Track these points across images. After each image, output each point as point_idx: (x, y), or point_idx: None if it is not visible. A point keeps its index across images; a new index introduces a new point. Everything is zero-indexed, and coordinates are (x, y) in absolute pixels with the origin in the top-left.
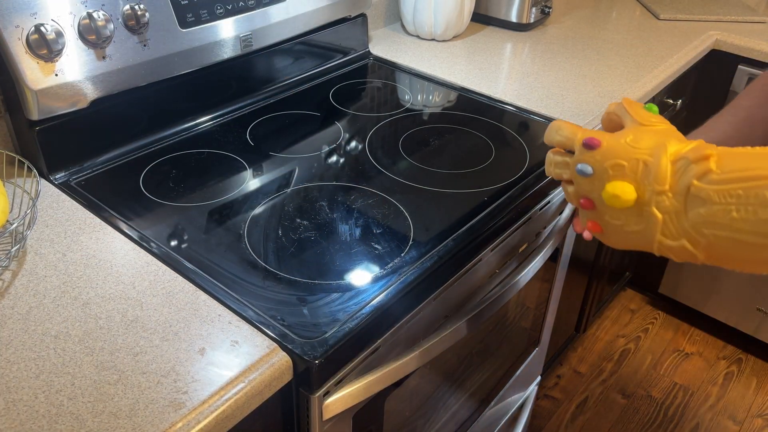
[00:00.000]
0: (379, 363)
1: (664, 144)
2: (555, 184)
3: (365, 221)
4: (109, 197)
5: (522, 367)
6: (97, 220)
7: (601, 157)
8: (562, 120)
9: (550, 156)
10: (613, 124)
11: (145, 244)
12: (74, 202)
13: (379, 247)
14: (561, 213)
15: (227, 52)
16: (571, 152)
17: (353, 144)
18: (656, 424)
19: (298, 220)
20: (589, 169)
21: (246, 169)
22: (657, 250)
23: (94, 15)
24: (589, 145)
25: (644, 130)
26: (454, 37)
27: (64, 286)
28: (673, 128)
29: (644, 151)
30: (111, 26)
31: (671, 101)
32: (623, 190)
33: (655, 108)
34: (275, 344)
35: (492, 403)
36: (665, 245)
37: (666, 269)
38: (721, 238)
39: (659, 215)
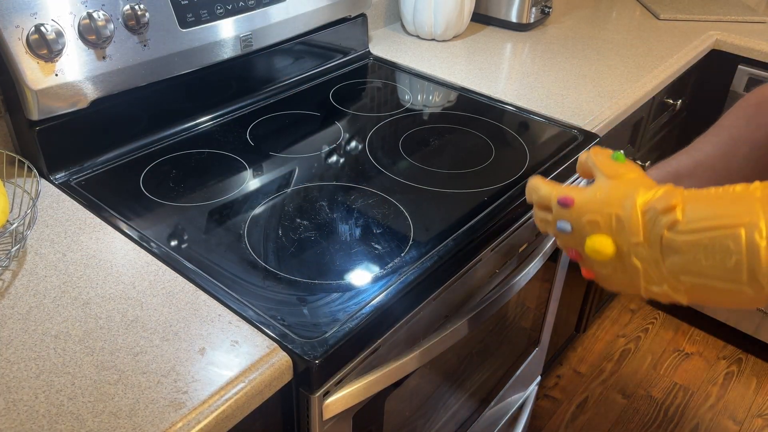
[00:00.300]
0: (379, 363)
1: (632, 196)
2: None
3: (365, 221)
4: (109, 197)
5: (522, 367)
6: (97, 220)
7: (576, 214)
8: (539, 178)
9: (535, 212)
10: (588, 172)
11: (145, 244)
12: (74, 202)
13: (379, 247)
14: None
15: (227, 52)
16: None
17: (353, 144)
18: (656, 424)
19: (298, 220)
20: (567, 226)
21: (246, 169)
22: (645, 294)
23: (94, 15)
24: (564, 203)
25: (613, 183)
26: (454, 37)
27: (64, 286)
28: (642, 174)
29: (615, 205)
30: (111, 26)
31: (671, 101)
32: (602, 245)
33: (622, 156)
34: (275, 344)
35: (492, 403)
36: (651, 291)
37: None
38: (697, 284)
39: (639, 265)
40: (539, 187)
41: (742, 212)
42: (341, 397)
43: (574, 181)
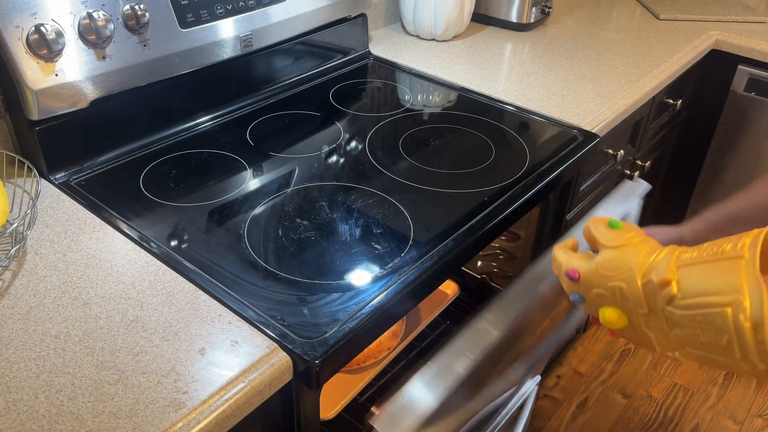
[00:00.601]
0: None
1: (632, 268)
2: (554, 185)
3: (365, 221)
4: (109, 197)
5: None
6: (97, 220)
7: (583, 288)
8: (558, 248)
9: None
10: (593, 242)
11: (145, 244)
12: (74, 202)
13: (379, 247)
14: None
15: (227, 52)
16: None
17: (353, 144)
18: (656, 424)
19: (298, 220)
20: (579, 298)
21: (246, 169)
22: (663, 356)
23: (94, 15)
24: (571, 278)
25: (614, 254)
26: (454, 37)
27: (64, 286)
28: (640, 238)
29: (617, 278)
30: (111, 26)
31: (671, 101)
32: (613, 318)
33: (618, 223)
34: (275, 344)
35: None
36: (666, 355)
37: None
38: (701, 356)
39: (651, 334)
40: (555, 257)
41: (729, 288)
42: None
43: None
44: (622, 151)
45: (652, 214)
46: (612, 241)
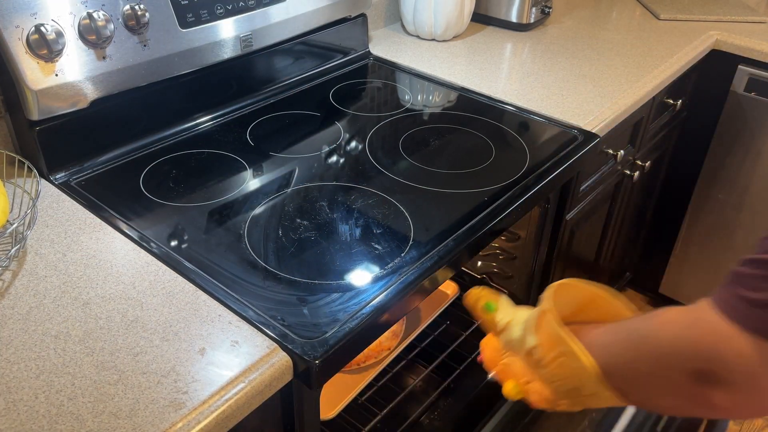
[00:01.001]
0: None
1: (507, 348)
2: (554, 184)
3: (365, 221)
4: (109, 197)
5: None
6: (97, 220)
7: (486, 369)
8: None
9: None
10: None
11: (145, 244)
12: (74, 202)
13: (380, 247)
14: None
15: (227, 52)
16: None
17: (353, 144)
18: None
19: (298, 220)
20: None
21: (246, 169)
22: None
23: (94, 15)
24: (480, 361)
25: (494, 337)
26: (454, 37)
27: (65, 286)
28: (511, 316)
29: (502, 355)
30: (111, 26)
31: (671, 101)
32: (509, 392)
33: (492, 305)
34: (275, 344)
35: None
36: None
37: (666, 270)
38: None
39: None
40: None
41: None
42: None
43: None
44: (622, 151)
45: (653, 214)
46: (492, 324)
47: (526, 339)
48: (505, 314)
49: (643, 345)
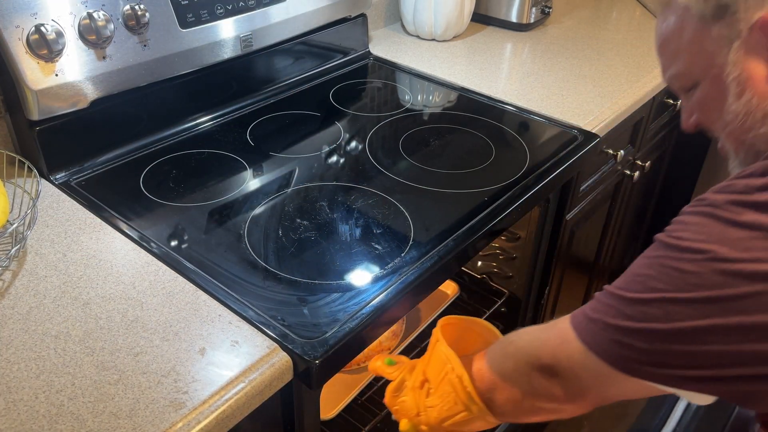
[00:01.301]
0: None
1: (402, 389)
2: (554, 184)
3: (365, 221)
4: (110, 197)
5: None
6: (98, 220)
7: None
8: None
9: None
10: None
11: (145, 244)
12: (74, 202)
13: (380, 247)
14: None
15: (227, 52)
16: None
17: (353, 144)
18: None
19: (299, 220)
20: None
21: (246, 169)
22: None
23: (95, 15)
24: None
25: (394, 383)
26: (454, 37)
27: (65, 286)
28: (407, 362)
29: (398, 398)
30: (111, 26)
31: (671, 101)
32: (403, 428)
33: (388, 359)
34: (275, 344)
35: None
36: None
37: None
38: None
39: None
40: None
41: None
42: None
43: None
44: (622, 151)
45: (653, 214)
46: (392, 377)
47: (417, 375)
48: (402, 364)
49: (509, 346)
